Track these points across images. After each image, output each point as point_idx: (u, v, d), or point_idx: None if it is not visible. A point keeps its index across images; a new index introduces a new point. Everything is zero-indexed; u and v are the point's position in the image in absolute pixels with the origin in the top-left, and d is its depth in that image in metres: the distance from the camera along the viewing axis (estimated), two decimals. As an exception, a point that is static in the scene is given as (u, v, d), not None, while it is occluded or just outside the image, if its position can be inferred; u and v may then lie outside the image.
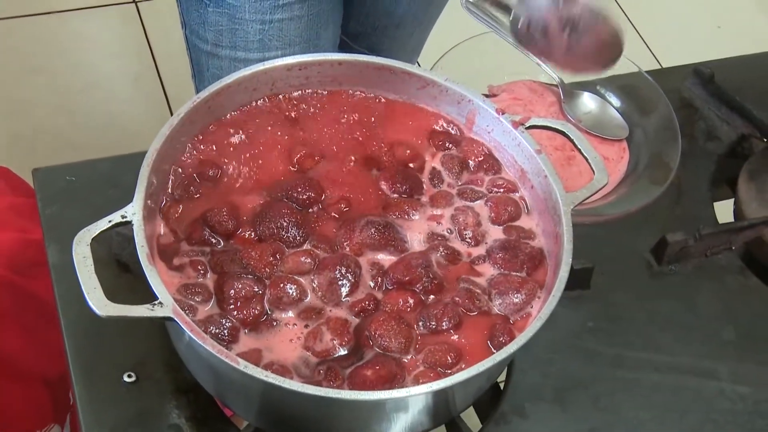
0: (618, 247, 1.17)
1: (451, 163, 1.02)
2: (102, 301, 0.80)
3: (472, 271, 0.95)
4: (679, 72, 1.36)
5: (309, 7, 1.28)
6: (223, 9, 1.25)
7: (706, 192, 1.24)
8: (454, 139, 1.04)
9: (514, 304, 0.92)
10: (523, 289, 0.93)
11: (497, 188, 1.01)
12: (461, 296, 0.92)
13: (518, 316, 0.92)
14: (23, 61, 2.45)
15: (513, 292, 0.92)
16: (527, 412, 1.03)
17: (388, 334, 0.88)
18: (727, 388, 1.08)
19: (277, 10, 1.26)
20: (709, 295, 1.16)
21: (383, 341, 0.88)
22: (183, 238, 0.92)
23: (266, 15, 1.26)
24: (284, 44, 1.29)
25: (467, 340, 0.90)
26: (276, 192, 0.96)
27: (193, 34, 1.31)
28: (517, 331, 0.90)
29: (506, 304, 0.92)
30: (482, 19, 1.26)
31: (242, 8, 1.24)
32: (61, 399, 1.48)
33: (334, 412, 0.87)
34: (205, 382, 0.93)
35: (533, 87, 1.26)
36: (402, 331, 0.88)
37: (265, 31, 1.27)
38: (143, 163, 0.89)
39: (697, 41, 2.72)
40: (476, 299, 0.92)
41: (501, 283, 0.94)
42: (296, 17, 1.28)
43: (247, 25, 1.26)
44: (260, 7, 1.25)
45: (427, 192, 1.01)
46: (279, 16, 1.27)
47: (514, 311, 0.92)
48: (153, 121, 2.34)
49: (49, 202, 1.12)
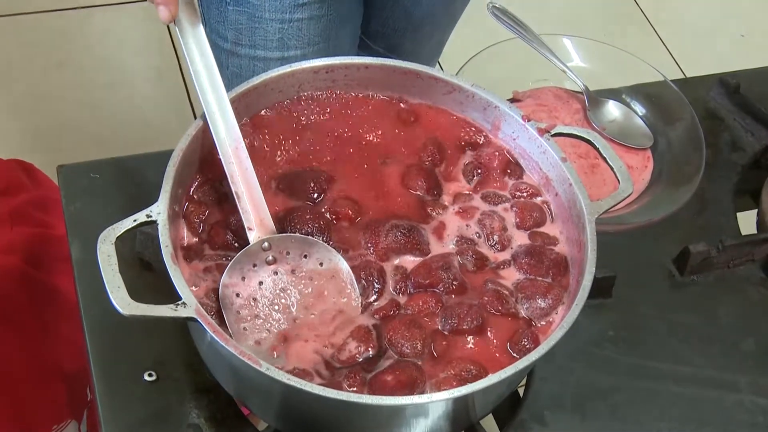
0: (640, 256, 1.17)
1: (474, 167, 1.02)
2: (125, 300, 0.80)
3: (496, 275, 0.95)
4: (704, 82, 1.36)
5: (329, 6, 1.28)
6: (243, 8, 1.25)
7: (729, 203, 1.24)
8: (477, 144, 1.04)
9: (540, 309, 0.92)
10: (550, 294, 0.92)
11: (521, 192, 1.01)
12: (489, 296, 0.92)
13: (543, 321, 0.92)
14: (48, 55, 2.46)
15: (540, 297, 0.92)
16: (546, 420, 1.02)
17: (404, 339, 0.88)
18: (747, 400, 1.07)
19: (297, 9, 1.26)
20: (730, 307, 1.15)
21: (399, 347, 0.88)
22: (205, 240, 0.92)
23: (286, 14, 1.26)
24: (304, 44, 1.29)
25: (488, 343, 0.89)
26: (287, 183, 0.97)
27: (213, 32, 1.31)
28: (540, 335, 0.90)
29: (533, 309, 0.92)
30: (508, 24, 1.26)
31: (262, 7, 1.24)
32: (78, 395, 1.48)
33: (355, 416, 0.86)
34: (226, 383, 0.93)
35: (558, 93, 1.26)
36: (415, 335, 0.88)
37: (284, 30, 1.27)
38: (169, 163, 0.89)
39: (721, 49, 2.71)
40: (505, 300, 0.92)
41: (528, 287, 0.94)
42: (316, 17, 1.28)
43: (267, 24, 1.26)
44: (280, 6, 1.25)
45: (451, 194, 1.00)
46: (299, 15, 1.26)
47: (540, 316, 0.92)
48: (175, 117, 2.35)
49: (73, 198, 1.12)
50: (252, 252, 0.90)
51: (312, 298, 0.90)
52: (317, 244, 0.91)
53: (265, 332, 0.88)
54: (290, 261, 0.91)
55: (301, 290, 0.90)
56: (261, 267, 0.90)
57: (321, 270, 0.91)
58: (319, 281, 0.91)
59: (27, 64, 2.43)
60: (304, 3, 1.25)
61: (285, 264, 0.91)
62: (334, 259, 0.91)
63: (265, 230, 0.90)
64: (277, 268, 0.91)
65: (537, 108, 1.23)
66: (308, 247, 0.92)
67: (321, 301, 0.90)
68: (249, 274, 0.90)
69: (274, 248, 0.90)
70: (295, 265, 0.91)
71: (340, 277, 0.91)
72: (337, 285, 0.91)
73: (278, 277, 0.90)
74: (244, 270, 0.89)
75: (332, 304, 0.90)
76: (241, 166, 0.91)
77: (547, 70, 1.25)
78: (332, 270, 0.91)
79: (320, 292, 0.91)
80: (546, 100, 1.24)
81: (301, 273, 0.91)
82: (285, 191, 0.96)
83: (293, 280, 0.91)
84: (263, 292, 0.90)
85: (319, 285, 0.91)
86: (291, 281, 0.90)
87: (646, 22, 2.80)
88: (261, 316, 0.88)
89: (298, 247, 0.91)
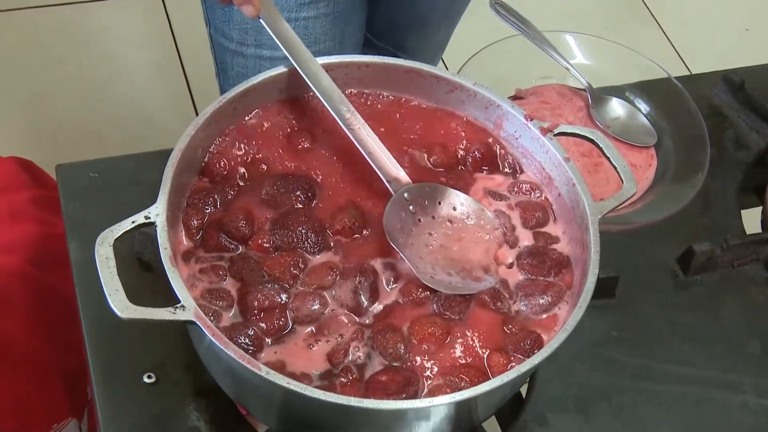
0: (644, 255, 1.16)
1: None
2: (124, 303, 0.80)
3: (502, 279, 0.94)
4: (708, 79, 1.35)
5: (335, 4, 1.27)
6: None
7: (733, 201, 1.23)
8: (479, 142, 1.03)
9: (539, 306, 0.92)
10: (550, 291, 0.92)
11: (518, 188, 1.01)
12: (487, 292, 0.92)
13: (543, 316, 0.91)
14: (46, 52, 2.45)
15: (539, 294, 0.92)
16: (549, 422, 1.02)
17: (387, 343, 0.88)
18: (752, 402, 1.07)
19: (303, 8, 1.25)
20: (735, 307, 1.14)
21: (386, 351, 0.87)
22: (200, 244, 0.91)
23: (292, 13, 1.25)
24: (310, 42, 1.28)
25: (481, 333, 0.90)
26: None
27: (218, 32, 1.31)
28: (541, 330, 0.90)
29: (531, 306, 0.92)
30: (511, 20, 1.25)
31: None
32: (79, 393, 1.48)
33: (355, 420, 0.86)
34: (225, 386, 0.92)
35: (561, 91, 1.25)
36: (399, 339, 0.88)
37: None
38: (167, 164, 0.88)
39: (725, 44, 2.70)
40: (499, 299, 0.92)
41: (528, 286, 0.93)
42: (322, 15, 1.27)
43: None
44: (286, 4, 1.24)
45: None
46: (305, 14, 1.26)
47: (539, 312, 0.91)
48: (176, 114, 2.34)
49: (72, 198, 1.11)
50: (398, 202, 0.95)
51: (454, 238, 0.96)
52: (447, 190, 0.98)
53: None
54: (428, 209, 0.96)
55: (444, 232, 0.96)
56: (408, 216, 0.95)
57: (456, 214, 0.97)
58: (457, 223, 0.96)
59: (25, 60, 2.42)
60: (310, 1, 1.24)
61: (425, 213, 0.96)
62: (465, 201, 0.97)
63: (399, 183, 0.95)
64: (418, 217, 0.96)
65: (540, 106, 1.22)
66: (440, 193, 0.97)
67: (462, 239, 0.96)
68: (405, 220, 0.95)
69: (411, 199, 0.95)
70: (433, 211, 0.96)
71: (476, 216, 0.97)
72: (475, 224, 0.97)
73: (423, 223, 0.95)
74: (401, 217, 0.95)
75: (473, 240, 0.96)
76: (362, 130, 0.96)
77: (550, 67, 1.24)
78: (466, 212, 0.97)
79: (459, 233, 0.96)
80: (549, 97, 1.23)
81: (440, 218, 0.96)
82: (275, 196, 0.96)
83: (435, 224, 0.96)
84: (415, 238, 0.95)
85: (457, 227, 0.96)
86: (433, 225, 0.96)
87: (650, 17, 2.79)
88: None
89: (432, 195, 0.97)
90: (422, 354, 0.87)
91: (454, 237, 0.96)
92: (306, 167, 0.99)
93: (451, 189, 0.98)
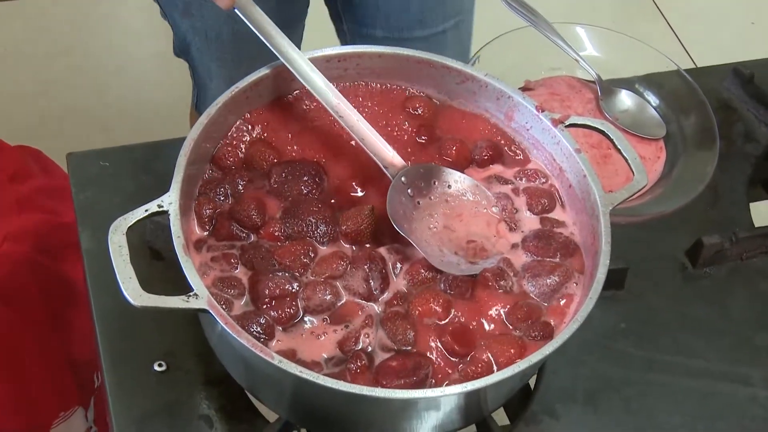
0: (653, 248, 1.16)
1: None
2: (137, 291, 0.80)
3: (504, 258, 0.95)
4: (716, 72, 1.35)
5: None
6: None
7: (742, 194, 1.23)
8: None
9: (547, 285, 0.92)
10: (557, 271, 0.92)
11: (523, 173, 1.01)
12: (490, 270, 0.92)
13: (552, 301, 0.92)
14: (54, 41, 2.45)
15: (546, 275, 0.92)
16: (558, 413, 1.02)
17: (397, 330, 0.88)
18: (760, 395, 1.06)
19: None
20: (744, 300, 1.14)
21: (396, 337, 0.88)
22: (212, 233, 0.92)
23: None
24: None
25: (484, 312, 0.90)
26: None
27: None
28: (551, 316, 0.90)
29: (539, 286, 0.92)
30: (520, 12, 1.24)
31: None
32: (86, 381, 1.48)
33: (366, 408, 0.86)
34: (237, 375, 0.92)
35: (571, 83, 1.25)
36: (407, 327, 0.88)
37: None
38: (180, 153, 0.88)
39: (731, 37, 2.69)
40: (503, 278, 0.92)
41: (535, 267, 0.94)
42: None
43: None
44: None
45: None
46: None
47: (548, 293, 0.92)
48: (183, 104, 2.32)
49: (83, 187, 1.11)
50: (397, 187, 0.95)
51: (454, 216, 0.97)
52: (440, 169, 0.98)
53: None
54: (425, 190, 0.97)
55: (443, 212, 0.97)
56: (407, 200, 0.95)
57: (451, 191, 0.98)
58: (454, 201, 0.97)
59: (33, 50, 2.43)
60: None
61: (422, 195, 0.97)
62: (459, 179, 0.98)
63: (395, 167, 0.96)
64: (416, 200, 0.96)
65: (549, 97, 1.21)
66: (434, 173, 0.98)
67: (462, 216, 0.97)
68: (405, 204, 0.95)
69: (408, 182, 0.96)
70: (429, 192, 0.97)
71: (471, 192, 0.98)
72: (472, 199, 0.98)
73: (422, 206, 0.96)
74: (402, 202, 0.95)
75: (472, 214, 0.97)
76: (351, 118, 0.96)
77: (560, 58, 1.24)
78: (461, 189, 0.98)
79: (458, 210, 0.97)
80: (558, 89, 1.23)
81: (436, 198, 0.97)
82: (283, 183, 0.96)
83: (433, 204, 0.97)
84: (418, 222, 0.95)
85: (455, 205, 0.97)
86: (432, 206, 0.97)
87: (656, 10, 2.79)
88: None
89: (427, 176, 0.97)
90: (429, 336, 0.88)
91: (453, 215, 0.97)
92: (316, 154, 0.99)
93: (444, 168, 0.98)
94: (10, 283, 1.36)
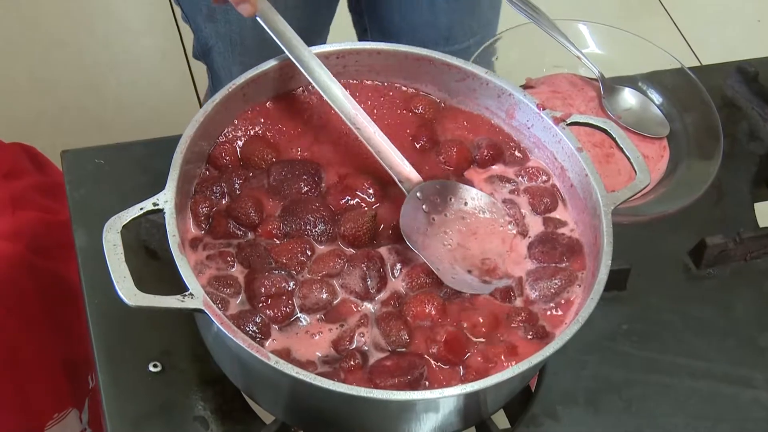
0: (655, 248, 1.15)
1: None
2: (132, 290, 0.79)
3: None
4: (721, 69, 1.33)
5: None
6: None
7: (746, 194, 1.22)
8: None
9: (548, 288, 0.91)
10: (559, 275, 0.92)
11: (525, 171, 1.00)
12: (495, 292, 0.91)
13: (552, 303, 0.91)
14: (49, 36, 2.43)
15: (548, 278, 0.91)
16: (559, 415, 1.01)
17: (391, 330, 0.87)
18: (763, 396, 1.05)
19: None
20: (747, 301, 1.13)
21: (389, 338, 0.87)
22: (208, 231, 0.91)
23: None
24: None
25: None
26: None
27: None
28: (552, 318, 0.90)
29: (541, 289, 0.91)
30: (522, 9, 1.23)
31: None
32: (80, 382, 1.47)
33: (364, 409, 0.85)
34: (233, 375, 0.91)
35: (573, 80, 1.23)
36: (401, 328, 0.87)
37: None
38: (176, 150, 0.87)
39: (737, 35, 2.67)
40: (508, 299, 0.91)
41: (537, 272, 0.93)
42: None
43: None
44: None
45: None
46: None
47: (550, 296, 0.91)
48: (179, 100, 2.33)
49: (78, 185, 1.10)
50: (412, 202, 0.94)
51: (469, 234, 0.95)
52: (456, 185, 0.97)
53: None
54: (440, 206, 0.95)
55: (458, 229, 0.95)
56: (422, 216, 0.94)
57: (467, 209, 0.96)
58: (470, 218, 0.96)
59: (28, 44, 2.41)
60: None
61: (437, 211, 0.95)
62: (476, 196, 0.96)
63: (411, 182, 0.94)
64: (432, 216, 0.95)
65: (551, 95, 1.20)
66: (450, 190, 0.96)
67: (477, 233, 0.96)
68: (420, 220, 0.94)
69: (423, 198, 0.94)
70: (445, 209, 0.96)
71: (488, 209, 0.97)
72: (489, 216, 0.96)
73: (437, 222, 0.95)
74: (416, 218, 0.94)
75: (487, 232, 0.96)
76: (368, 130, 0.94)
77: (562, 56, 1.23)
78: (478, 207, 0.96)
79: (474, 228, 0.96)
80: (560, 87, 1.22)
81: (452, 215, 0.95)
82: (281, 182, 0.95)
83: (448, 222, 0.95)
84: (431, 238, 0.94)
85: (470, 222, 0.96)
86: (447, 223, 0.95)
87: (660, 7, 2.77)
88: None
89: (443, 192, 0.96)
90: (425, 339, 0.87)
91: (469, 233, 0.95)
92: (313, 154, 0.98)
93: (461, 184, 0.97)
94: (3, 282, 1.35)
